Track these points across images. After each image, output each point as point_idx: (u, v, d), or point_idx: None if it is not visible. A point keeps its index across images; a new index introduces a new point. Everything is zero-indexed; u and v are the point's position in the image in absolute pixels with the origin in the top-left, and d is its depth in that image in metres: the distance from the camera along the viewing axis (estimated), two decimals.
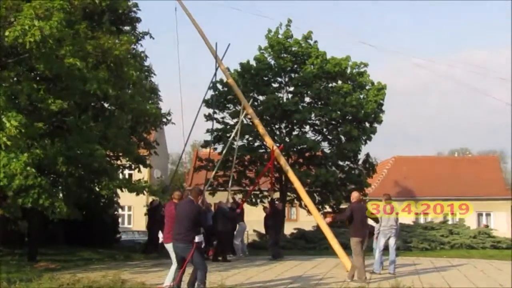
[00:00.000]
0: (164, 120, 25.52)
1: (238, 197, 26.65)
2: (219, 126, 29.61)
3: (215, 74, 23.37)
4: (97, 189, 18.80)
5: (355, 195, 15.71)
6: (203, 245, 11.81)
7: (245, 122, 23.72)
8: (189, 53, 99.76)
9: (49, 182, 15.29)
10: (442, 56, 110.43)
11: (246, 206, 23.96)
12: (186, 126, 22.86)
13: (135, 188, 19.21)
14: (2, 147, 13.93)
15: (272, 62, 29.98)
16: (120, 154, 21.59)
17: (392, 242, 16.21)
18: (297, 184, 20.37)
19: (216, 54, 22.14)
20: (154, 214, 23.13)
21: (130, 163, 23.81)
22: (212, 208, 22.48)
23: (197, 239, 11.17)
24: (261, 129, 21.83)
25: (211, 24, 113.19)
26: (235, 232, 22.02)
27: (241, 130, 24.06)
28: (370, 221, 16.20)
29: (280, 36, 29.95)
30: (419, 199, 46.80)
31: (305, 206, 27.57)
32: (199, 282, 11.23)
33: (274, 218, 21.72)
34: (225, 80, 27.73)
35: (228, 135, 27.47)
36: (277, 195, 26.54)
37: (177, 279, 11.68)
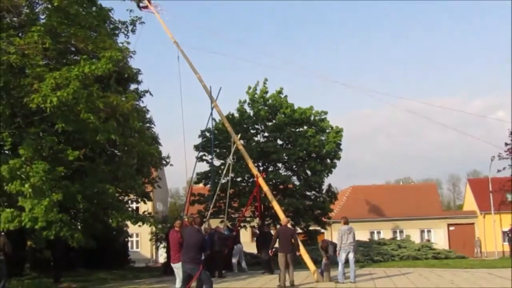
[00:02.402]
0: (164, 162, 25.43)
1: (228, 223, 26.32)
2: (207, 168, 29.56)
3: (211, 114, 23.22)
4: (109, 221, 18.56)
5: (284, 220, 16.91)
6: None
7: (228, 162, 23.47)
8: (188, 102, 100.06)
9: (69, 218, 15.09)
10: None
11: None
12: (184, 164, 22.82)
13: (140, 218, 19.04)
14: (27, 195, 13.77)
15: (252, 112, 30.14)
16: (128, 190, 21.44)
17: (351, 256, 16.16)
18: (277, 208, 20.06)
19: (211, 95, 22.14)
20: None
21: (137, 197, 23.71)
22: None
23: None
24: (248, 159, 21.65)
25: (206, 70, 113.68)
26: (233, 252, 21.89)
27: (226, 168, 23.84)
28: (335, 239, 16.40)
29: (258, 91, 30.22)
30: (373, 221, 46.86)
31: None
32: None
33: (264, 239, 21.39)
34: (216, 126, 27.86)
35: (215, 174, 27.38)
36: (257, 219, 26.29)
37: None
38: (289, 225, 17.03)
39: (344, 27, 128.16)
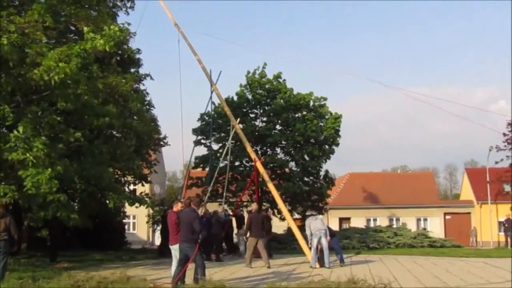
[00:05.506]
0: (162, 143, 25.43)
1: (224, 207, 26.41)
2: (206, 151, 29.60)
3: (210, 97, 23.08)
4: (107, 202, 18.57)
5: (254, 206, 18.57)
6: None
7: (227, 146, 23.47)
8: (188, 89, 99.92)
9: (66, 198, 15.05)
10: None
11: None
12: (181, 148, 23.07)
13: (137, 200, 19.03)
14: (30, 164, 13.71)
15: (250, 96, 30.05)
16: (126, 172, 21.43)
17: (323, 242, 16.32)
18: (274, 192, 20.08)
19: (211, 78, 21.99)
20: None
21: (135, 179, 23.73)
22: None
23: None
24: (246, 143, 21.57)
25: (207, 54, 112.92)
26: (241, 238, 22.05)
27: (225, 152, 23.82)
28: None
29: (256, 76, 30.06)
30: (369, 208, 47.01)
31: (279, 213, 27.62)
32: (201, 275, 11.33)
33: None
34: (215, 110, 27.81)
35: (214, 158, 27.41)
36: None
37: (179, 275, 11.63)
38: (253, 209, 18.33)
39: (347, 16, 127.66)
